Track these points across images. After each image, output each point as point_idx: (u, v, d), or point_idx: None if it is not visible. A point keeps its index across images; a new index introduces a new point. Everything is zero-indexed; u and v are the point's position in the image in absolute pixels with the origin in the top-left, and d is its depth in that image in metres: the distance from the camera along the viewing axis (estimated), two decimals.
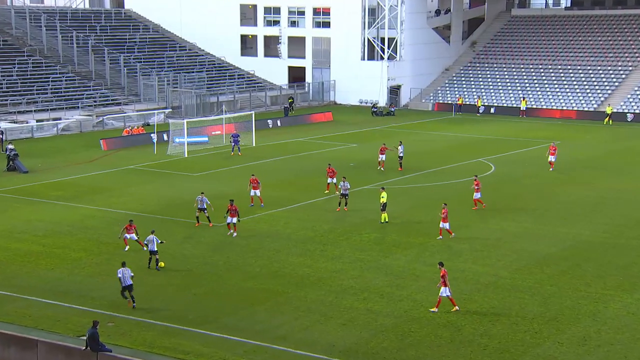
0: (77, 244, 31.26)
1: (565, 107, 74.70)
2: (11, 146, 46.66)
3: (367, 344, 22.48)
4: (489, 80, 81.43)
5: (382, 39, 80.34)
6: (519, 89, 78.85)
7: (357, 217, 35.82)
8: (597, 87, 76.02)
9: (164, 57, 77.92)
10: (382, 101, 78.65)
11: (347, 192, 36.65)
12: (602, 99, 74.29)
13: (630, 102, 72.80)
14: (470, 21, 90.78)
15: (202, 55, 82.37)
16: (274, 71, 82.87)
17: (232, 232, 32.45)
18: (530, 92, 77.87)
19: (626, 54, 79.03)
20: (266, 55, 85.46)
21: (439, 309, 24.59)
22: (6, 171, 45.35)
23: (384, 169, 46.13)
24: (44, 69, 68.72)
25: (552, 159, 46.33)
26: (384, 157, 46.25)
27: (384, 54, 79.84)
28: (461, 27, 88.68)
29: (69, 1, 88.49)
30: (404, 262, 29.16)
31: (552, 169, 46.03)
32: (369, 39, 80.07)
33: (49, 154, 51.46)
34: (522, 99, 75.56)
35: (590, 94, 75.30)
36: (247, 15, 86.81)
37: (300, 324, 23.83)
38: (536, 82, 79.16)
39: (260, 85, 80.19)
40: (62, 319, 23.79)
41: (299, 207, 37.52)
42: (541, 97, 77.02)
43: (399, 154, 46.64)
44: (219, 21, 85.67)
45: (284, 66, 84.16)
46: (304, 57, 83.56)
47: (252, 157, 50.79)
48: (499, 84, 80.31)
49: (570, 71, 79.02)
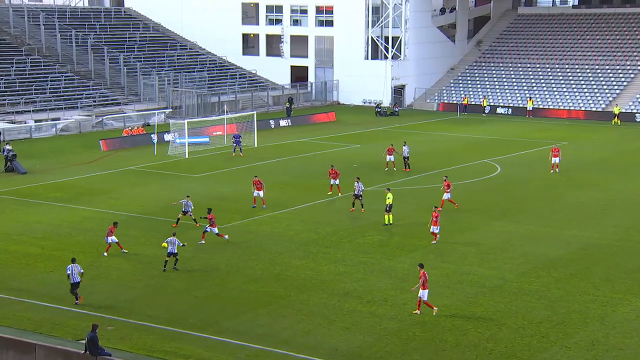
0: (76, 246, 31.29)
1: (572, 107, 74.63)
2: (9, 147, 46.73)
3: (370, 348, 22.47)
4: (495, 79, 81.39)
5: (386, 38, 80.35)
6: (526, 88, 78.78)
7: (360, 219, 35.81)
8: (605, 87, 75.95)
9: (164, 57, 78.00)
10: (386, 101, 78.65)
11: (361, 193, 36.64)
12: (610, 99, 74.20)
13: (639, 102, 72.72)
14: (475, 20, 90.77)
15: (203, 54, 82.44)
16: (276, 71, 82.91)
17: (202, 242, 31.40)
18: (537, 92, 77.80)
19: (635, 53, 78.96)
20: (268, 54, 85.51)
21: (437, 312, 24.59)
22: (4, 172, 45.41)
23: (395, 168, 46.05)
24: (43, 68, 68.83)
25: (555, 160, 46.23)
26: (392, 157, 46.24)
27: (387, 53, 79.84)
28: (466, 26, 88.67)
29: (68, 0, 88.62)
30: (408, 265, 29.15)
31: (553, 171, 45.97)
32: (372, 38, 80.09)
33: (47, 155, 51.53)
34: (528, 99, 75.51)
35: (598, 94, 75.23)
36: (249, 13, 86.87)
37: (302, 327, 23.83)
38: (543, 81, 79.10)
39: (262, 85, 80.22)
40: (61, 323, 23.82)
41: (302, 209, 37.53)
42: (548, 97, 76.95)
43: (404, 155, 46.68)
44: (220, 20, 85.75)
45: (286, 66, 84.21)
46: (307, 57, 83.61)
47: (254, 157, 50.82)
48: (505, 84, 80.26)
49: (577, 70, 78.95)
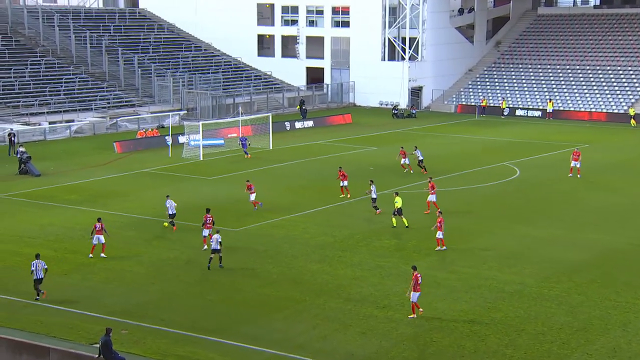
0: (89, 248, 31.42)
1: (594, 109, 74.16)
2: (22, 149, 47.08)
3: (387, 353, 22.42)
4: (514, 81, 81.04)
5: (403, 39, 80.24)
6: (546, 90, 78.39)
7: (377, 223, 35.75)
8: (628, 89, 75.40)
9: (179, 58, 78.34)
10: (403, 103, 78.52)
11: (375, 196, 36.77)
12: (633, 100, 73.68)
13: None
14: (494, 20, 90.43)
15: (218, 55, 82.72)
16: (291, 72, 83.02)
17: (205, 247, 31.00)
18: (557, 94, 77.38)
19: None
20: (284, 55, 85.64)
21: (416, 315, 24.64)
22: (18, 174, 45.76)
23: (412, 171, 46.06)
24: (57, 69, 69.34)
25: (575, 164, 45.79)
26: (407, 160, 46.17)
27: (405, 54, 79.73)
28: (485, 27, 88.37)
29: (83, 1, 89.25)
30: (425, 269, 29.06)
31: (572, 175, 45.48)
32: (389, 39, 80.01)
33: (61, 157, 51.88)
34: (548, 101, 75.13)
35: (620, 96, 74.71)
36: (264, 14, 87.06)
37: (318, 332, 23.82)
38: (563, 83, 78.67)
39: (277, 86, 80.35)
40: (74, 326, 23.94)
41: (317, 212, 37.53)
42: (569, 98, 76.51)
43: (419, 158, 46.65)
44: (235, 21, 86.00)
45: (301, 67, 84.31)
46: (323, 58, 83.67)
47: (269, 160, 50.90)
48: (525, 85, 79.90)
49: (599, 72, 78.46)
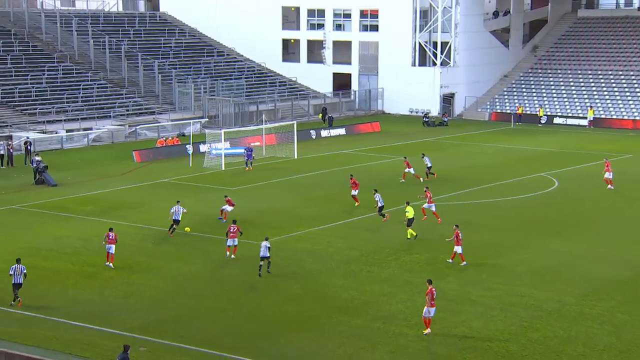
0: (104, 259, 31.64)
1: (637, 117, 73.43)
2: (38, 158, 47.61)
3: None
4: (552, 87, 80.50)
5: (435, 44, 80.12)
6: (586, 97, 77.74)
7: (406, 236, 35.64)
8: None
9: (200, 63, 78.88)
10: (434, 110, 78.33)
11: (382, 204, 37.53)
12: None
13: None
14: (531, 23, 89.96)
15: (241, 61, 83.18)
16: (317, 78, 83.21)
17: (229, 255, 31.84)
18: (598, 101, 76.72)
19: None
20: (309, 61, 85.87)
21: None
22: (34, 184, 46.29)
23: (422, 179, 46.33)
24: (75, 75, 70.17)
25: (608, 175, 45.42)
26: (412, 170, 46.65)
27: (436, 59, 79.58)
28: (522, 30, 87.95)
29: (102, 4, 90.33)
30: (458, 285, 28.92)
31: (609, 187, 45.10)
32: (420, 44, 79.95)
33: (78, 166, 52.39)
34: (589, 108, 74.51)
35: None
36: (289, 18, 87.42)
37: (344, 351, 23.77)
38: (605, 89, 77.98)
39: (302, 93, 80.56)
40: (91, 343, 24.11)
41: (343, 225, 37.50)
42: (611, 106, 75.81)
43: (427, 165, 47.77)
44: (259, 25, 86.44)
45: (328, 73, 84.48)
46: (350, 63, 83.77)
47: (293, 170, 50.99)
48: (564, 92, 79.33)
49: None
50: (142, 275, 30.26)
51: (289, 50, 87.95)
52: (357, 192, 40.17)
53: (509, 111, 78.02)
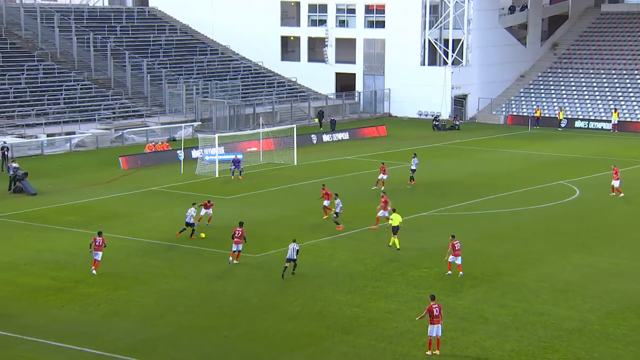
0: (91, 277, 31.70)
1: None
2: (15, 164, 47.60)
3: None
4: (573, 88, 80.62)
5: (446, 41, 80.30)
6: (610, 98, 77.85)
7: (414, 249, 35.68)
8: None
9: (192, 62, 79.08)
10: (445, 113, 78.45)
11: (340, 211, 38.20)
12: None
13: None
14: (550, 19, 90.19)
15: (237, 60, 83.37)
16: (319, 78, 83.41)
17: (231, 260, 33.31)
18: (623, 103, 76.82)
19: None
20: (310, 59, 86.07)
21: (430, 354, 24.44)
22: (11, 193, 46.32)
23: (383, 187, 46.42)
24: (57, 75, 70.36)
25: (615, 183, 45.57)
26: (385, 176, 46.80)
27: (447, 58, 79.74)
28: (540, 27, 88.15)
29: None
30: (470, 302, 28.92)
31: (614, 194, 45.17)
32: (430, 41, 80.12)
33: (60, 174, 52.46)
34: (613, 111, 74.62)
35: None
36: (289, 13, 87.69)
37: None
38: (631, 90, 78.08)
39: (303, 94, 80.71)
40: None
41: (347, 237, 37.53)
42: (637, 108, 75.88)
43: (412, 167, 48.58)
44: (256, 21, 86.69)
45: (330, 72, 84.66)
46: (354, 62, 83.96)
47: (293, 177, 51.05)
48: (585, 93, 79.43)
49: None
50: (129, 291, 30.28)
51: (289, 48, 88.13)
52: (328, 203, 40.31)
53: (526, 114, 78.11)
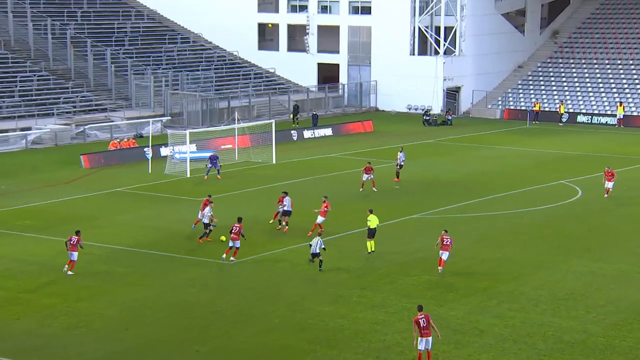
0: (49, 287, 31.52)
1: None
2: None
3: None
4: (575, 80, 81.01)
5: (437, 29, 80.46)
6: (615, 91, 78.27)
7: (403, 255, 35.70)
8: None
9: (161, 52, 78.79)
10: (437, 107, 78.60)
11: (289, 209, 38.66)
12: None
13: None
14: (550, 5, 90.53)
15: (210, 49, 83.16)
16: (299, 69, 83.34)
17: (225, 257, 34.30)
18: (629, 95, 77.25)
19: None
20: (290, 49, 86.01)
21: None
22: None
23: (375, 189, 46.55)
24: (11, 65, 69.87)
25: (608, 185, 45.43)
26: (370, 176, 46.80)
27: (439, 47, 79.91)
28: (539, 13, 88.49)
29: None
30: (464, 313, 28.96)
31: (607, 196, 45.25)
32: (420, 29, 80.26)
33: (15, 173, 52.13)
34: (618, 104, 75.02)
35: None
36: None
37: None
38: (638, 82, 78.56)
39: (282, 87, 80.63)
40: None
41: (330, 242, 37.49)
42: None
43: (399, 162, 48.95)
44: (231, 6, 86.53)
45: (312, 63, 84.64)
46: (338, 52, 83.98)
47: (271, 177, 50.99)
48: (588, 85, 79.83)
49: None
50: (91, 302, 30.11)
51: (266, 36, 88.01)
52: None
53: (524, 108, 78.41)
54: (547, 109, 77.63)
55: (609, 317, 28.96)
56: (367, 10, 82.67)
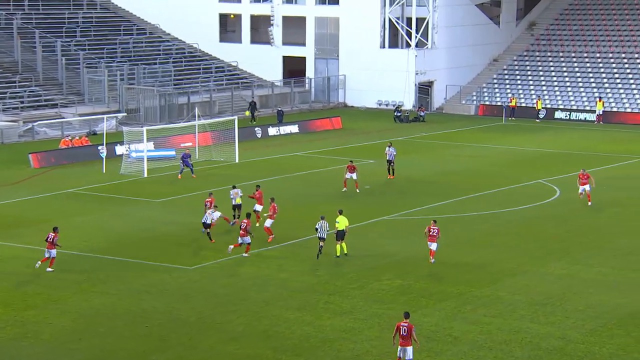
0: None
1: None
2: None
3: None
4: (553, 74, 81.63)
5: (409, 20, 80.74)
6: (594, 86, 78.96)
7: (373, 258, 35.78)
8: None
9: (116, 44, 78.37)
10: (409, 103, 78.87)
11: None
12: None
13: None
14: None
15: (168, 41, 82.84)
16: (263, 63, 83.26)
17: (231, 248, 35.50)
18: (609, 91, 77.97)
19: None
20: (253, 41, 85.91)
21: None
22: None
23: (358, 190, 46.78)
24: None
25: (585, 189, 44.45)
26: (353, 175, 46.97)
27: (410, 39, 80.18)
28: (515, 4, 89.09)
29: None
30: (438, 319, 29.10)
31: (588, 203, 44.39)
32: (391, 20, 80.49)
33: None
34: (597, 100, 75.69)
35: None
36: None
37: None
38: (617, 76, 79.28)
39: (245, 81, 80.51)
40: None
41: (297, 245, 37.53)
42: (624, 96, 77.12)
43: (388, 159, 49.66)
44: None
45: (277, 56, 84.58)
46: (304, 44, 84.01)
47: (234, 176, 50.82)
48: (567, 80, 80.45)
49: None
50: (41, 310, 29.87)
51: (228, 27, 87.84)
52: (260, 209, 40.28)
53: (499, 104, 78.89)
54: (523, 105, 78.15)
55: (588, 322, 29.19)
56: (335, 0, 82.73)
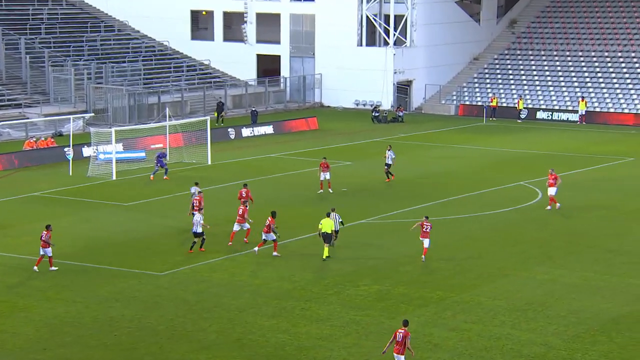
0: None
1: None
2: None
3: None
4: (535, 73, 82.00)
5: (387, 17, 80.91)
6: (576, 85, 79.38)
7: (351, 263, 35.83)
8: None
9: (83, 41, 78.03)
10: (387, 103, 79.01)
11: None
12: None
13: None
14: None
15: (137, 38, 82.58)
16: (236, 61, 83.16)
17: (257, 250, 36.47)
18: (591, 90, 78.39)
19: None
20: (226, 39, 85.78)
21: None
22: None
23: (331, 190, 47.08)
24: None
25: (552, 191, 44.17)
26: (327, 175, 47.07)
27: (388, 37, 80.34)
28: (496, 1, 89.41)
29: None
30: (417, 325, 29.15)
31: (550, 207, 44.08)
32: (368, 17, 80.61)
33: None
34: (580, 100, 76.09)
35: None
36: None
37: None
38: (600, 76, 79.72)
39: (218, 80, 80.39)
40: None
41: (272, 250, 37.49)
42: (607, 96, 77.57)
43: (387, 162, 49.74)
44: None
45: (251, 54, 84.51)
46: (279, 42, 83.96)
47: (206, 179, 50.70)
48: (548, 79, 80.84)
49: None
50: (4, 319, 29.69)
51: (200, 25, 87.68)
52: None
53: (480, 104, 79.18)
54: (504, 105, 78.47)
55: (570, 328, 29.33)
56: None
